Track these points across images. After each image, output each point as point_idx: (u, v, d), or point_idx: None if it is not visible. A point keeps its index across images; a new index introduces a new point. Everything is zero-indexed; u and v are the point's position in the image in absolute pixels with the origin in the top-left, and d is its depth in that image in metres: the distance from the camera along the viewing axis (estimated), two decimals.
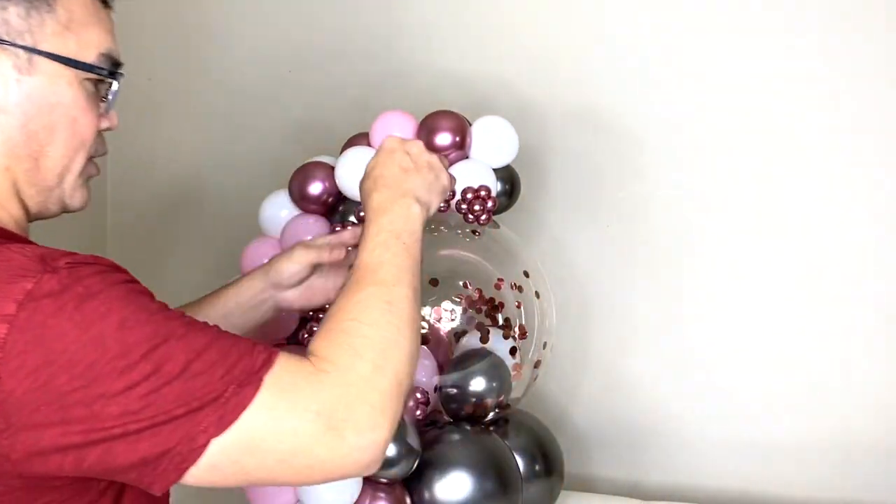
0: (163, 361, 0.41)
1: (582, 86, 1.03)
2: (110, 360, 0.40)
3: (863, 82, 0.94)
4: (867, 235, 0.96)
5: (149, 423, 0.40)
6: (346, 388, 0.44)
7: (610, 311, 1.03)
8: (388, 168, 0.59)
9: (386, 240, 0.53)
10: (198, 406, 0.41)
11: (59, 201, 0.50)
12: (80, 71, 0.47)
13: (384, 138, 0.63)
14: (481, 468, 0.75)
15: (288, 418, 0.42)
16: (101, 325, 0.40)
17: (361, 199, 0.59)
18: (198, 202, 1.22)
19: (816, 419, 0.98)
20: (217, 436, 0.41)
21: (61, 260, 0.41)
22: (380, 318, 0.48)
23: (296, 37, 1.15)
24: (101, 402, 0.40)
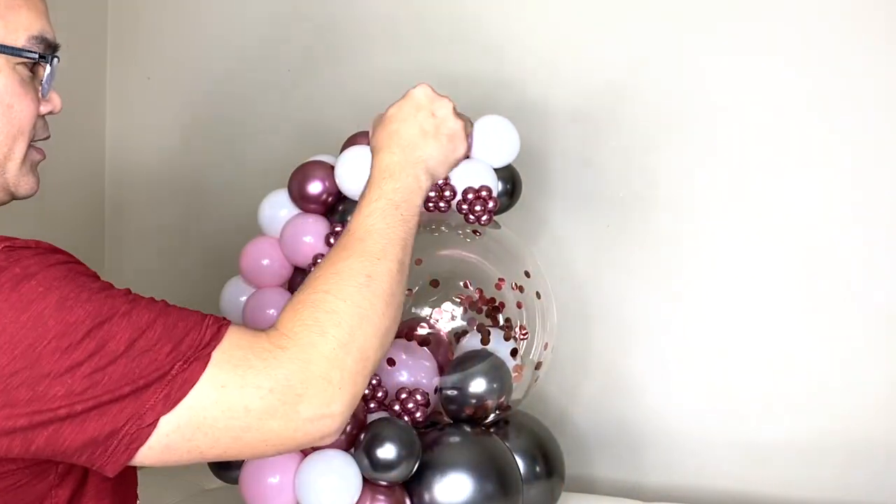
0: (106, 339, 0.40)
1: (584, 85, 1.03)
2: (51, 339, 0.39)
3: (865, 81, 0.94)
4: (869, 235, 0.96)
5: (95, 402, 0.39)
6: (304, 364, 0.43)
7: (611, 312, 1.03)
8: (407, 125, 0.56)
9: (384, 207, 0.51)
10: (144, 384, 0.40)
11: (4, 189, 0.49)
12: (10, 56, 0.46)
13: (416, 86, 0.57)
14: (482, 470, 0.75)
15: (239, 395, 0.42)
16: (40, 305, 0.39)
17: (371, 146, 0.55)
18: (196, 201, 1.22)
19: (818, 420, 0.98)
20: (165, 413, 0.41)
21: (1, 243, 0.41)
22: (355, 292, 0.46)
23: (295, 35, 1.15)
24: (45, 383, 0.39)
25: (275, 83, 1.16)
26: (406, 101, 0.57)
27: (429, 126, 0.57)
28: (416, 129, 0.56)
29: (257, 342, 0.44)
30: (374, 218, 0.51)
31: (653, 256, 1.02)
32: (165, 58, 1.20)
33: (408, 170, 0.54)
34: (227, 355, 0.42)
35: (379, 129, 0.57)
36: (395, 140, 0.55)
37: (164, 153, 1.22)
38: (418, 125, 0.56)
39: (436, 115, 0.57)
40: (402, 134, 0.55)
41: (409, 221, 0.52)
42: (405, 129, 0.55)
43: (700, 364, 1.01)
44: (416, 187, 0.54)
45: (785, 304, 0.99)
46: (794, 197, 0.98)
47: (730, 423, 1.00)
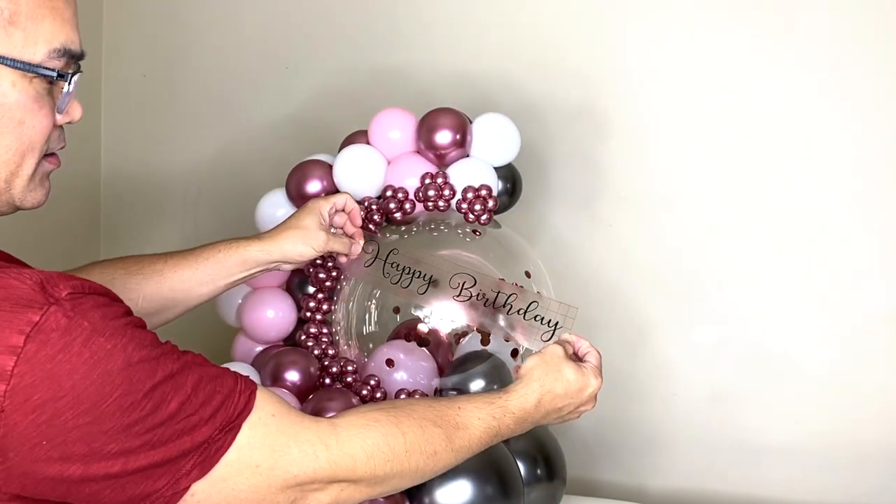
0: (159, 402, 0.42)
1: (585, 82, 1.03)
2: (116, 398, 0.41)
3: (869, 81, 0.94)
4: (873, 236, 0.96)
5: (146, 462, 0.42)
6: (335, 468, 0.47)
7: (613, 313, 1.03)
8: (562, 408, 0.61)
9: (491, 426, 0.56)
10: (188, 449, 0.43)
11: (9, 204, 0.48)
12: (21, 70, 0.45)
13: (596, 383, 0.63)
14: (482, 473, 0.75)
15: (267, 475, 0.45)
16: (109, 364, 0.41)
17: (528, 370, 0.61)
18: (193, 201, 1.22)
19: (823, 423, 0.98)
20: (198, 480, 0.43)
21: (63, 289, 0.41)
22: (419, 455, 0.51)
23: (293, 32, 1.15)
24: (102, 440, 0.41)
25: (272, 81, 1.16)
26: (579, 391, 0.62)
27: (567, 414, 0.63)
28: (561, 413, 0.62)
29: (303, 433, 0.47)
30: (481, 422, 0.55)
31: (656, 257, 1.03)
32: (161, 55, 1.20)
33: (527, 426, 0.61)
34: (265, 437, 0.45)
35: (550, 373, 0.61)
36: (546, 406, 0.60)
37: (160, 152, 1.22)
38: (565, 413, 0.63)
39: (580, 409, 0.64)
40: (552, 409, 0.61)
41: (489, 445, 0.58)
42: (557, 408, 0.61)
43: (704, 366, 1.01)
44: (517, 433, 0.61)
45: (789, 306, 0.99)
46: (799, 198, 0.98)
47: (734, 425, 1.00)
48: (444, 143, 0.84)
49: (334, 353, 0.82)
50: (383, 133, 0.86)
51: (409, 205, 0.84)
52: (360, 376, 0.80)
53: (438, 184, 0.84)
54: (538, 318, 0.68)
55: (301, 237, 0.68)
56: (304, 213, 0.70)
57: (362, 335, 0.84)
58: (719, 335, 1.01)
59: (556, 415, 0.62)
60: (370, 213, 0.84)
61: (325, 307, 0.84)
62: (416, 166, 0.85)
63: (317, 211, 0.71)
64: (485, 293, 0.71)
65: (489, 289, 0.70)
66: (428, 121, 0.85)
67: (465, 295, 0.70)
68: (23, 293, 0.40)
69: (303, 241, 0.68)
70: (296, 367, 0.78)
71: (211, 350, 0.89)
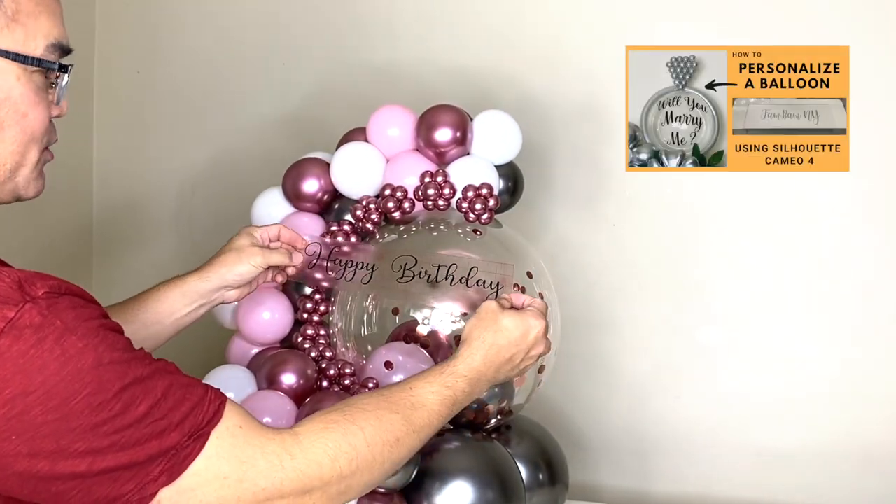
0: (129, 403, 0.43)
1: (588, 79, 1.03)
2: (85, 396, 0.42)
3: (873, 81, 0.94)
4: (882, 241, 0.96)
5: (112, 463, 0.43)
6: (301, 477, 0.48)
7: (617, 314, 1.03)
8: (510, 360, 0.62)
9: (447, 396, 0.57)
10: (155, 453, 0.44)
11: (12, 193, 0.51)
12: (28, 65, 0.48)
13: (539, 322, 0.63)
14: (483, 477, 0.76)
15: (235, 488, 0.46)
16: (80, 362, 0.42)
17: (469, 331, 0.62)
18: (188, 198, 1.22)
19: (830, 426, 0.98)
20: (166, 486, 0.44)
21: (39, 288, 0.43)
22: (382, 446, 0.52)
23: (289, 28, 1.15)
24: (70, 438, 0.42)
25: (269, 77, 1.16)
26: (523, 336, 0.63)
27: (520, 362, 0.64)
28: (513, 362, 0.63)
29: (269, 444, 0.48)
30: (434, 396, 0.57)
31: (660, 257, 1.03)
32: (155, 52, 1.20)
33: (483, 385, 0.61)
34: (232, 448, 0.47)
35: (488, 328, 0.62)
36: (494, 360, 0.61)
37: (154, 150, 1.22)
38: (517, 361, 0.63)
39: (530, 354, 0.64)
40: (502, 362, 0.62)
41: (448, 415, 0.58)
42: (507, 359, 0.62)
43: (709, 368, 1.01)
44: (476, 396, 0.61)
45: (797, 308, 0.99)
46: (809, 200, 0.98)
47: (740, 429, 1.01)
48: (444, 141, 0.84)
49: (332, 355, 0.83)
50: (382, 130, 0.86)
51: (409, 204, 0.84)
52: (358, 379, 0.80)
53: (438, 182, 0.84)
54: (480, 282, 0.71)
55: (235, 258, 0.70)
56: (235, 237, 0.72)
57: (360, 337, 0.84)
58: (724, 337, 1.01)
59: (509, 366, 0.62)
60: (368, 213, 0.84)
61: (323, 308, 0.84)
62: (415, 164, 0.85)
63: (249, 232, 0.73)
64: (425, 269, 0.73)
65: (429, 264, 0.73)
66: (427, 118, 0.85)
67: (407, 276, 0.73)
68: (0, 291, 0.42)
69: (238, 262, 0.69)
70: (292, 369, 0.78)
71: (206, 352, 0.90)
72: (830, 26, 0.97)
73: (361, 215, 0.84)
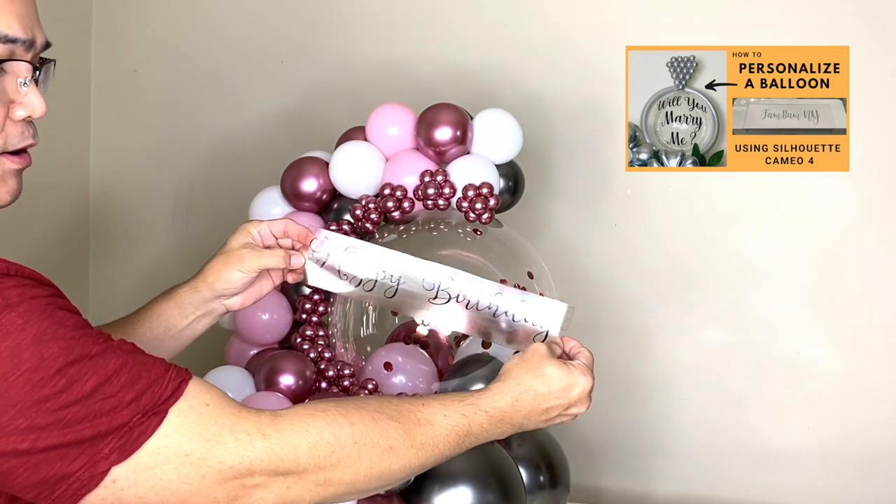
0: (74, 379, 0.42)
1: (589, 77, 1.03)
2: (24, 371, 0.41)
3: (874, 81, 0.94)
4: (885, 241, 0.96)
5: (56, 440, 0.42)
6: (275, 459, 0.46)
7: (619, 314, 1.03)
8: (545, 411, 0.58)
9: (461, 426, 0.54)
10: (104, 431, 0.43)
11: None
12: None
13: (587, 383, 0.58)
14: (483, 480, 0.75)
15: (199, 465, 0.45)
16: (18, 337, 0.41)
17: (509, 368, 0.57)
18: (185, 197, 1.22)
19: (833, 427, 0.98)
20: (118, 464, 0.43)
21: None
22: (371, 448, 0.49)
23: (288, 25, 1.14)
24: (10, 414, 0.41)
25: (267, 75, 1.16)
26: (565, 390, 0.58)
27: (556, 416, 0.59)
28: (549, 414, 0.58)
29: (240, 423, 0.46)
30: (447, 420, 0.53)
31: (663, 257, 1.02)
32: (152, 50, 1.20)
33: (506, 427, 0.57)
34: (196, 426, 0.45)
35: (530, 370, 0.57)
36: (526, 405, 0.57)
37: (152, 149, 1.22)
38: (552, 414, 0.59)
39: (569, 411, 0.59)
40: (535, 410, 0.57)
41: (458, 449, 0.55)
42: (542, 409, 0.57)
43: (712, 369, 1.01)
44: (495, 436, 0.57)
45: (799, 309, 0.99)
46: (810, 200, 0.98)
47: (743, 430, 1.00)
48: (444, 140, 0.83)
49: (331, 356, 0.82)
50: (381, 129, 0.85)
51: (408, 203, 0.84)
52: (357, 380, 0.80)
53: (438, 182, 0.84)
54: (527, 320, 0.63)
55: (223, 262, 0.63)
56: (232, 236, 0.66)
57: (360, 337, 0.84)
58: (728, 338, 1.01)
59: (542, 416, 0.58)
60: (367, 213, 0.84)
61: (322, 309, 0.84)
62: (415, 163, 0.84)
63: (246, 230, 0.65)
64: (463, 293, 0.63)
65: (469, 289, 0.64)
66: (427, 116, 0.84)
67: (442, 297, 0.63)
68: None
69: (225, 267, 0.63)
70: (291, 370, 0.78)
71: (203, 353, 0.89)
72: (830, 26, 0.97)
73: (361, 215, 0.84)
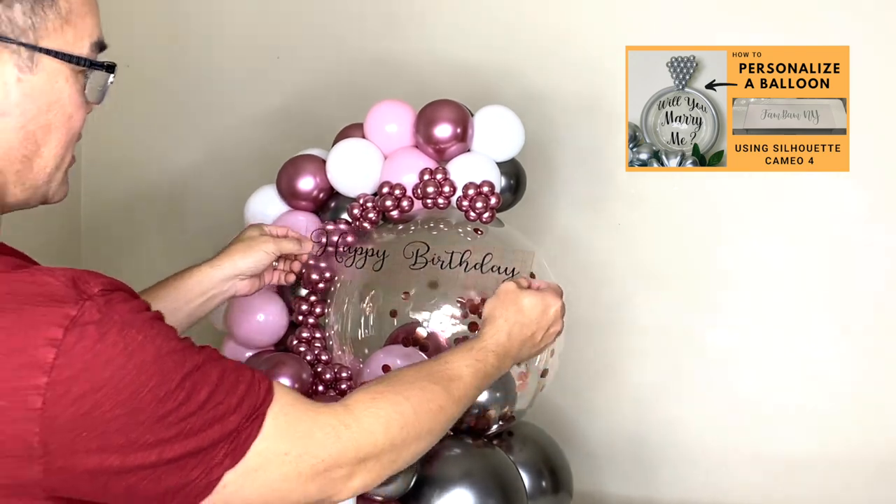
0: (191, 391, 0.44)
1: (591, 74, 1.02)
2: (151, 388, 0.42)
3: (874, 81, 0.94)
4: (879, 238, 0.95)
5: (179, 451, 0.43)
6: (357, 447, 0.50)
7: (622, 316, 1.02)
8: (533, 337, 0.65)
9: (479, 369, 0.60)
10: (217, 438, 0.45)
11: (43, 197, 0.50)
12: (76, 66, 0.48)
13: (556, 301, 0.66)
14: (484, 485, 0.75)
15: (296, 463, 0.47)
16: (142, 354, 0.43)
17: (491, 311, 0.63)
18: (179, 197, 1.20)
19: (840, 432, 0.97)
20: (230, 469, 0.45)
21: (94, 286, 0.43)
22: (427, 414, 0.54)
23: (284, 21, 1.14)
24: (139, 431, 0.42)
25: (262, 72, 1.15)
26: (542, 313, 0.65)
27: (540, 340, 0.66)
28: (535, 339, 0.66)
29: (321, 416, 0.50)
30: (469, 368, 0.59)
31: (667, 259, 1.01)
32: (146, 45, 1.18)
33: (509, 361, 0.64)
34: (288, 426, 0.48)
35: (510, 307, 0.64)
36: (518, 337, 0.64)
37: (145, 147, 1.20)
38: (538, 339, 0.66)
39: (549, 332, 0.67)
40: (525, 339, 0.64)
41: (481, 389, 0.61)
42: (529, 336, 0.65)
43: (719, 372, 1.00)
44: (503, 372, 0.63)
45: (807, 311, 0.98)
46: (810, 200, 0.97)
47: (749, 436, 0.99)
48: (444, 137, 0.82)
49: (328, 358, 0.81)
50: (380, 126, 0.84)
51: (407, 202, 0.82)
52: (355, 383, 0.79)
53: (438, 180, 0.82)
54: (495, 268, 0.71)
55: (248, 247, 0.71)
56: (244, 230, 0.74)
57: (357, 340, 0.82)
58: (734, 342, 1.00)
59: (530, 343, 0.65)
60: (366, 212, 0.82)
61: (318, 310, 0.83)
62: (414, 161, 0.83)
63: (257, 225, 0.74)
64: (438, 255, 0.73)
65: (442, 251, 0.73)
66: (427, 113, 0.83)
67: (420, 262, 0.73)
68: (56, 289, 0.42)
69: (252, 250, 0.70)
70: (287, 373, 0.77)
71: None
72: (830, 26, 0.96)
73: (359, 214, 0.82)
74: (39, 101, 0.46)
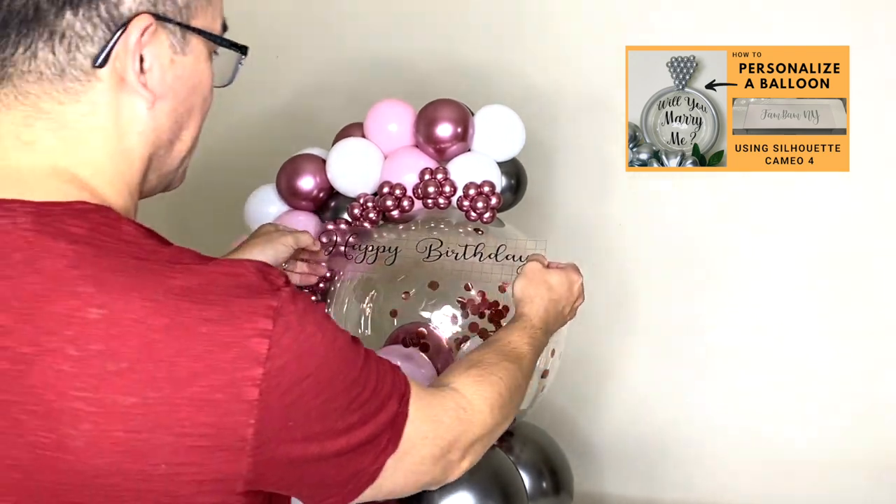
0: (367, 378, 0.44)
1: (592, 74, 1.02)
2: (345, 374, 0.43)
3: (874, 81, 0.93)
4: (879, 238, 0.95)
5: (361, 437, 0.43)
6: (471, 427, 0.51)
7: (623, 316, 1.02)
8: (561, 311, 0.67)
9: (533, 341, 0.62)
10: (382, 424, 0.45)
11: (169, 184, 0.49)
12: (214, 44, 0.46)
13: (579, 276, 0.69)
14: (484, 485, 0.74)
15: (431, 446, 0.48)
16: (336, 343, 0.43)
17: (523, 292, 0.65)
18: (177, 198, 1.19)
19: (843, 433, 0.97)
20: (391, 455, 0.45)
21: (278, 277, 0.43)
22: (513, 392, 0.56)
23: (284, 20, 1.13)
24: (333, 418, 0.42)
25: (261, 70, 1.14)
26: (569, 289, 0.68)
27: (567, 314, 0.69)
28: (563, 314, 0.69)
29: (444, 401, 0.51)
30: (528, 346, 0.61)
31: (669, 259, 1.01)
32: None
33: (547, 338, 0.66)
34: (423, 410, 0.48)
35: (540, 285, 0.66)
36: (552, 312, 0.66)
37: None
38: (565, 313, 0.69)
39: (575, 307, 0.69)
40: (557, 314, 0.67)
41: (536, 363, 0.63)
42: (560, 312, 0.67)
43: (721, 373, 1.00)
44: (546, 343, 0.66)
45: (810, 312, 0.98)
46: (806, 201, 0.97)
47: (752, 436, 0.99)
48: (445, 137, 0.82)
49: None
50: (380, 126, 0.84)
51: (408, 202, 0.82)
52: None
53: (438, 180, 0.82)
54: (510, 256, 0.74)
55: (267, 241, 0.70)
56: (259, 228, 0.73)
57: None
58: (734, 342, 1.00)
59: (560, 317, 0.67)
60: (366, 212, 0.82)
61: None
62: (414, 161, 0.83)
63: (272, 224, 0.74)
64: (452, 249, 0.74)
65: (456, 244, 0.74)
66: (427, 113, 0.83)
67: (434, 255, 0.74)
68: (251, 281, 0.41)
69: (272, 244, 0.70)
70: None
71: None
72: (830, 26, 0.96)
73: (359, 214, 0.82)
74: (188, 84, 0.44)
